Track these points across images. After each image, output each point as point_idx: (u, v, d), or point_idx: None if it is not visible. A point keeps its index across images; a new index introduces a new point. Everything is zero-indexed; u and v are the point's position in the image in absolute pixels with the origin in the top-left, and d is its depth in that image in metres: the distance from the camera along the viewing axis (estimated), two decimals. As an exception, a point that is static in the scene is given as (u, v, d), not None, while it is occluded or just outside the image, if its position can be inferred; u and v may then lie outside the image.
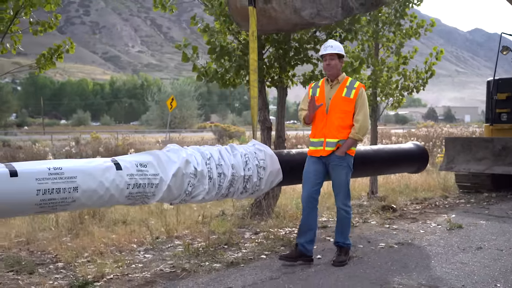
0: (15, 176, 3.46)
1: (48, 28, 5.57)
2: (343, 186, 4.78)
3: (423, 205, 8.03)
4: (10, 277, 4.47)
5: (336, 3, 5.18)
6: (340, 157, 4.70)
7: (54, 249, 5.50)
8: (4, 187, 3.40)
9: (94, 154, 19.40)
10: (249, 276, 4.41)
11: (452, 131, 28.69)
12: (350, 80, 4.82)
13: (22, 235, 6.26)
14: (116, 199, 3.94)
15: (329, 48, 4.75)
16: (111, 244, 5.61)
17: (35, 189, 3.52)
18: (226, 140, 25.37)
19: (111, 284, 4.22)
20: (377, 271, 4.56)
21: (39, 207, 3.59)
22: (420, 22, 9.01)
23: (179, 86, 48.65)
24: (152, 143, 25.03)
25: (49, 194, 3.58)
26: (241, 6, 5.30)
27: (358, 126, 4.69)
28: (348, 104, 4.70)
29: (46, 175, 3.59)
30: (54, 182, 3.60)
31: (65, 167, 3.71)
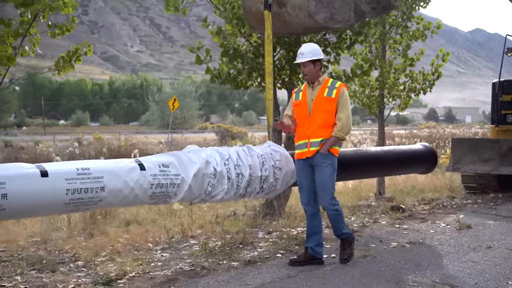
0: (46, 176, 3.61)
1: (65, 31, 5.72)
2: (328, 185, 4.75)
3: (431, 205, 8.19)
4: (34, 275, 4.61)
5: (348, 7, 5.33)
6: (324, 156, 4.72)
7: (71, 248, 5.65)
8: (36, 187, 3.55)
9: (97, 155, 19.51)
10: (267, 274, 4.55)
11: (454, 132, 28.86)
12: (331, 81, 4.87)
13: (35, 235, 6.40)
14: (140, 198, 4.09)
15: (300, 57, 4.83)
16: (127, 244, 5.76)
17: (65, 189, 3.67)
18: (228, 141, 25.47)
19: (134, 282, 4.37)
20: (391, 269, 4.71)
21: (68, 206, 3.74)
22: (426, 24, 9.17)
23: (180, 86, 48.77)
24: (155, 144, 25.17)
25: (78, 193, 3.73)
26: (256, 10, 5.45)
27: (340, 124, 4.72)
28: (330, 103, 4.75)
29: (74, 175, 3.74)
30: (82, 182, 3.75)
31: (92, 167, 3.86)
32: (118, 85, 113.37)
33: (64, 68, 5.52)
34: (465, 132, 29.51)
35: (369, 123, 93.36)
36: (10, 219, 5.98)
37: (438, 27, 9.12)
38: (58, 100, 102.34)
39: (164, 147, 22.57)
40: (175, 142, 25.47)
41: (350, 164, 5.68)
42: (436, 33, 9.11)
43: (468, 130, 31.19)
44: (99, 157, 18.54)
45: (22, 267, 4.78)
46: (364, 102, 8.99)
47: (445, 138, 24.96)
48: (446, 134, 27.73)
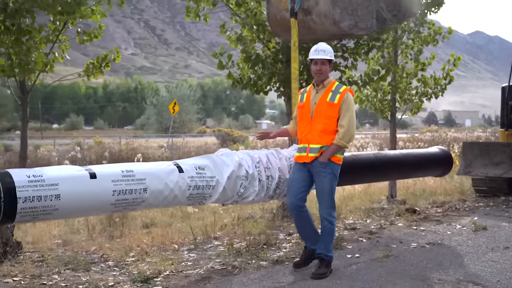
0: (94, 178, 3.87)
1: (93, 37, 5.98)
2: (327, 194, 4.68)
3: (444, 208, 8.46)
4: (70, 274, 4.86)
5: (371, 14, 5.61)
6: (323, 164, 4.62)
7: (97, 249, 5.90)
8: (85, 188, 3.81)
9: (98, 159, 19.68)
10: (296, 273, 4.81)
11: (457, 136, 29.20)
12: (336, 85, 4.75)
13: (55, 237, 6.64)
14: (178, 199, 4.34)
15: (322, 53, 4.69)
16: (152, 245, 6.01)
17: (111, 190, 3.93)
18: (229, 145, 25.73)
19: (170, 280, 4.62)
20: (415, 268, 4.97)
21: (114, 206, 3.99)
22: (437, 30, 9.46)
23: (178, 89, 49.04)
24: (155, 148, 25.39)
25: (123, 194, 3.99)
26: (281, 18, 5.73)
27: (342, 132, 4.59)
28: (332, 109, 4.63)
29: (120, 177, 4.00)
30: (127, 183, 4.01)
31: (136, 169, 4.12)
32: (112, 89, 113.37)
33: (94, 73, 5.78)
34: (468, 135, 29.85)
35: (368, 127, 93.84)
36: (62, 219, 6.19)
37: (449, 32, 9.42)
38: (51, 103, 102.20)
39: (165, 151, 22.78)
40: (176, 146, 25.67)
41: (371, 167, 5.95)
42: (447, 38, 9.40)
43: (470, 134, 31.56)
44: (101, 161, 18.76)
45: (58, 266, 5.02)
46: (376, 106, 9.27)
47: (448, 142, 25.30)
48: (449, 138, 28.11)
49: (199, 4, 7.19)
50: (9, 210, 3.48)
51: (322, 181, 4.66)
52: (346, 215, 7.73)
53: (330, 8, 5.29)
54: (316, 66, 4.72)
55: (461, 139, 26.87)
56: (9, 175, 3.55)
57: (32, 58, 4.77)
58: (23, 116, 5.66)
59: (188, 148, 24.31)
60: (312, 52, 4.77)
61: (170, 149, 23.31)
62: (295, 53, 5.45)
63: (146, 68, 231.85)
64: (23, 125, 5.69)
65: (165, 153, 22.16)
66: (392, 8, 5.85)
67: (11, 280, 4.61)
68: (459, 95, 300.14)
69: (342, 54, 7.13)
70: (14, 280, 4.61)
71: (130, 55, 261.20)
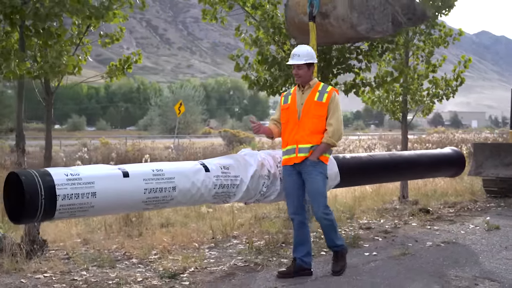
0: (127, 177, 4.09)
1: (115, 40, 6.20)
2: (320, 194, 4.73)
3: (455, 208, 8.66)
4: (97, 271, 5.08)
5: (387, 18, 5.83)
6: (314, 163, 4.69)
7: (119, 248, 6.12)
8: (119, 186, 4.03)
9: (104, 159, 19.87)
10: (317, 270, 5.02)
11: (464, 137, 29.35)
12: (322, 85, 4.85)
13: (74, 236, 6.85)
14: (204, 198, 4.57)
15: (296, 58, 4.78)
16: (173, 243, 6.22)
17: (143, 188, 4.15)
18: (235, 146, 25.94)
19: (196, 276, 4.84)
20: (432, 266, 5.18)
21: (145, 204, 4.22)
22: (448, 31, 9.66)
23: (183, 90, 49.32)
24: (162, 149, 25.62)
25: (154, 192, 4.21)
26: (299, 21, 5.95)
27: (331, 130, 4.68)
28: (320, 108, 4.70)
29: (151, 175, 4.22)
30: (157, 182, 4.23)
31: (165, 169, 4.34)
32: (114, 89, 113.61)
33: (117, 75, 6.01)
34: (476, 137, 29.99)
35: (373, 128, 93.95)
36: (97, 216, 6.39)
37: (460, 34, 9.61)
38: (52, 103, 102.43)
39: (172, 152, 22.97)
40: (182, 146, 25.89)
41: (387, 167, 6.16)
42: (458, 40, 9.59)
43: (478, 135, 31.70)
44: (109, 162, 18.98)
45: (85, 263, 5.24)
46: (388, 107, 9.47)
47: (456, 143, 25.47)
48: (456, 139, 28.25)
49: (215, 7, 7.41)
50: (49, 207, 3.70)
51: (314, 181, 4.71)
52: (360, 215, 7.93)
53: (348, 12, 5.51)
54: (294, 71, 4.85)
55: (469, 140, 27.01)
56: (49, 173, 3.77)
57: (63, 61, 5.00)
58: (48, 117, 5.89)
59: (195, 149, 24.52)
60: (290, 57, 4.89)
61: (176, 150, 23.51)
62: (313, 56, 5.65)
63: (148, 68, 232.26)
64: (47, 126, 5.93)
65: (171, 154, 22.32)
66: (407, 12, 6.06)
67: (42, 276, 4.83)
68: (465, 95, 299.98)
69: (356, 56, 7.34)
70: (45, 276, 4.83)
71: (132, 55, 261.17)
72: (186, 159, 17.27)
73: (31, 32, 4.92)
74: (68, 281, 4.69)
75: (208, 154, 22.56)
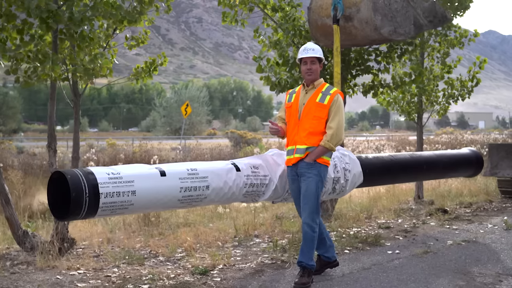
0: (164, 176, 4.29)
1: (140, 43, 6.41)
2: (311, 197, 4.59)
3: (472, 208, 8.85)
4: (128, 268, 5.27)
5: (409, 21, 6.02)
6: (309, 165, 4.60)
7: (143, 246, 6.32)
8: (157, 184, 4.23)
9: (112, 161, 20.03)
10: (343, 267, 5.21)
11: (473, 138, 29.48)
12: (327, 86, 4.75)
13: (93, 236, 7.05)
14: (236, 196, 4.76)
15: (311, 51, 4.68)
16: (196, 242, 6.42)
17: (179, 187, 4.35)
18: (242, 147, 26.13)
19: (226, 272, 5.04)
20: (455, 263, 5.37)
21: (180, 202, 4.41)
22: (463, 33, 9.84)
23: (188, 91, 49.56)
24: (168, 150, 25.83)
25: (189, 191, 4.41)
26: (321, 24, 6.15)
27: (330, 134, 4.57)
28: (321, 110, 4.62)
29: (186, 175, 4.42)
30: (192, 181, 4.43)
31: (199, 168, 4.54)
32: (116, 90, 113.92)
33: (143, 77, 6.21)
34: (485, 138, 30.11)
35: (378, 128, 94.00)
36: (135, 214, 6.57)
37: (475, 35, 9.79)
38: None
39: (179, 153, 23.14)
40: (189, 148, 26.08)
41: (408, 167, 6.35)
42: (473, 41, 9.77)
43: (487, 136, 31.80)
44: (117, 163, 19.19)
45: (115, 260, 5.45)
46: (403, 108, 9.66)
47: (465, 144, 25.61)
48: (465, 140, 28.38)
49: (235, 9, 7.61)
50: (93, 204, 3.89)
51: (306, 183, 4.60)
52: (377, 215, 8.12)
53: (372, 14, 5.70)
54: (306, 66, 4.71)
55: (478, 141, 27.13)
56: (92, 172, 3.97)
57: (98, 64, 5.21)
58: (76, 117, 6.09)
59: (201, 150, 24.70)
60: (301, 52, 4.77)
61: (184, 151, 23.69)
62: (337, 58, 5.86)
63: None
64: (75, 126, 6.13)
65: (179, 155, 22.48)
66: (428, 14, 6.25)
67: (76, 273, 5.04)
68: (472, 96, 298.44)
69: (375, 58, 7.52)
70: (79, 273, 5.03)
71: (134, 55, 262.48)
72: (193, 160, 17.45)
73: (65, 36, 5.12)
74: (102, 277, 4.89)
75: (215, 155, 22.78)
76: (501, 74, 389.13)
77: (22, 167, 17.42)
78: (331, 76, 7.51)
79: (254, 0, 7.49)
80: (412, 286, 4.63)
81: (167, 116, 48.84)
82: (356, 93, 7.85)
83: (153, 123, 63.82)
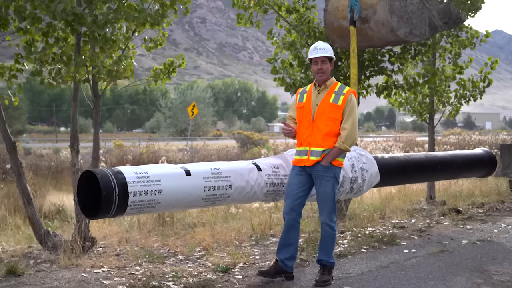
0: (189, 175, 4.43)
1: (158, 45, 6.56)
2: (329, 199, 4.69)
3: (484, 209, 8.96)
4: (149, 266, 5.42)
5: (424, 22, 6.15)
6: (325, 168, 4.64)
7: (161, 245, 6.47)
8: (182, 184, 4.38)
9: (119, 162, 20.16)
10: (361, 265, 5.35)
11: (482, 139, 29.53)
12: (339, 86, 4.74)
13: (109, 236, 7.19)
14: (257, 195, 4.90)
15: (321, 51, 4.67)
16: (214, 241, 6.56)
17: (203, 186, 4.49)
18: (250, 148, 26.27)
19: (247, 270, 5.18)
20: (471, 262, 5.49)
21: (204, 201, 4.56)
22: (474, 33, 9.96)
23: (194, 92, 49.79)
24: (175, 151, 25.99)
25: (213, 190, 4.55)
26: (338, 26, 6.29)
27: (345, 135, 4.60)
28: (335, 111, 4.62)
29: (210, 174, 4.56)
30: (216, 180, 4.57)
31: (222, 168, 4.68)
32: (120, 91, 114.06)
33: (162, 79, 6.36)
34: (493, 138, 30.14)
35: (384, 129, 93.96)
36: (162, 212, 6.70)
37: (486, 35, 9.91)
38: (58, 106, 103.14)
39: (186, 154, 23.27)
40: (196, 149, 26.24)
41: (423, 167, 6.48)
42: (485, 42, 9.89)
43: (495, 137, 31.83)
44: (125, 164, 19.38)
45: (137, 258, 5.59)
46: (415, 109, 9.78)
47: (474, 145, 25.66)
48: (473, 141, 28.45)
49: (250, 11, 7.76)
50: (122, 203, 4.04)
51: (324, 186, 4.66)
52: (390, 215, 8.25)
53: (388, 16, 5.84)
54: (316, 66, 4.70)
55: (486, 142, 27.18)
56: (121, 172, 4.12)
57: (122, 66, 5.36)
58: (95, 119, 6.24)
59: (208, 151, 24.85)
60: (311, 52, 4.77)
61: (192, 152, 23.82)
62: (354, 59, 5.99)
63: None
64: (95, 127, 6.28)
65: (186, 156, 22.60)
66: (443, 16, 6.38)
67: (100, 270, 5.19)
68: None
69: (389, 59, 7.66)
70: (103, 270, 5.18)
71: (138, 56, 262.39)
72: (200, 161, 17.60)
73: (88, 38, 5.28)
74: (126, 275, 5.04)
75: (223, 156, 22.92)
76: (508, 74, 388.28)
77: (31, 168, 17.59)
78: (344, 77, 7.66)
79: (268, 2, 7.63)
80: (430, 283, 4.76)
81: (173, 117, 49.03)
82: (369, 94, 7.98)
83: (157, 124, 63.97)
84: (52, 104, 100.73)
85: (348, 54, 7.49)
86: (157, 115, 66.12)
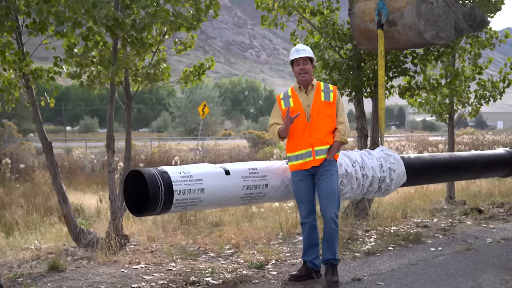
0: (228, 175, 4.68)
1: (187, 47, 6.81)
2: (336, 194, 4.87)
3: (505, 208, 9.15)
4: (184, 263, 5.67)
5: (450, 25, 6.37)
6: (331, 163, 4.86)
7: (190, 243, 6.71)
8: (222, 183, 4.63)
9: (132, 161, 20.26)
10: (390, 263, 5.58)
11: (496, 139, 29.65)
12: (324, 84, 4.97)
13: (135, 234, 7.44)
14: (292, 194, 5.13)
15: (303, 52, 4.85)
16: (242, 239, 6.80)
17: (241, 185, 4.74)
18: (261, 148, 26.50)
19: (280, 267, 5.43)
20: (498, 260, 5.71)
21: (242, 200, 4.81)
22: (493, 33, 10.14)
23: (202, 91, 50.07)
24: (186, 151, 26.24)
25: (250, 189, 4.80)
26: (364, 28, 6.52)
27: (343, 128, 4.87)
28: (330, 107, 4.85)
29: (247, 173, 4.81)
30: (253, 179, 4.82)
31: (259, 167, 4.93)
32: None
33: (192, 80, 6.62)
34: (507, 138, 30.25)
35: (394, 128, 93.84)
36: (202, 210, 6.93)
37: (506, 36, 10.09)
38: (64, 105, 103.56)
39: (198, 153, 23.51)
40: (207, 148, 26.49)
41: (447, 167, 6.70)
42: (504, 42, 10.07)
43: (509, 136, 31.93)
44: (138, 164, 19.66)
45: (172, 255, 5.85)
46: (435, 109, 9.99)
47: (488, 145, 25.81)
48: (487, 140, 28.57)
49: (274, 13, 8.00)
50: (168, 201, 4.30)
51: (331, 180, 4.84)
52: (412, 215, 8.46)
53: (416, 20, 6.06)
54: (299, 66, 4.86)
55: (500, 142, 27.34)
56: (166, 171, 4.38)
57: (160, 69, 5.62)
58: (128, 119, 6.50)
59: (220, 151, 25.07)
60: (292, 53, 4.93)
61: (204, 152, 24.05)
62: (381, 62, 6.22)
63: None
64: (127, 127, 6.55)
65: (197, 156, 22.83)
66: (468, 18, 6.60)
67: (138, 266, 5.44)
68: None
69: (412, 60, 7.87)
70: (141, 267, 5.44)
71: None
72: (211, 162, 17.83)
73: (127, 42, 5.54)
74: (164, 271, 5.29)
75: (234, 156, 23.15)
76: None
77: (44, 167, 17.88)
78: (367, 78, 7.88)
79: (293, 4, 7.86)
80: (460, 280, 4.98)
81: (181, 117, 49.30)
82: (392, 95, 8.20)
83: (164, 124, 64.14)
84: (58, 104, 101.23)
85: (372, 56, 7.74)
86: (164, 114, 66.22)
